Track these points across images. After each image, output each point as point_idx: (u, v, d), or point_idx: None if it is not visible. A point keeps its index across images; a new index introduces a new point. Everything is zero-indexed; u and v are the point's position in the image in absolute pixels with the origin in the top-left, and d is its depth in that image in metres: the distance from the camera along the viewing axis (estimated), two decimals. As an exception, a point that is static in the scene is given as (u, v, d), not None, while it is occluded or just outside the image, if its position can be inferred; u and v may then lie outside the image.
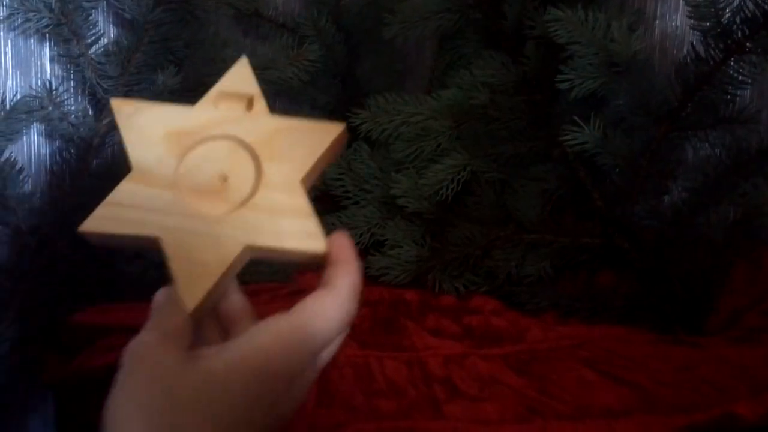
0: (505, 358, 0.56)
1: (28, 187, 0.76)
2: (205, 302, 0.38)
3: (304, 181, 0.41)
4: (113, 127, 0.79)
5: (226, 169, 0.42)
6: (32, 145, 0.78)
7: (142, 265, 0.77)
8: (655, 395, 0.50)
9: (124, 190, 0.41)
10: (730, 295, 0.66)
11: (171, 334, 0.36)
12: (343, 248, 0.39)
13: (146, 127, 0.43)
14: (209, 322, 0.40)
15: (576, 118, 0.69)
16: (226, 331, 0.40)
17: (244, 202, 0.41)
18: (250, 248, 0.40)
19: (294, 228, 0.40)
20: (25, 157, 0.77)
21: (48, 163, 0.78)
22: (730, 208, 0.67)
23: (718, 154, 0.70)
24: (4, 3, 0.74)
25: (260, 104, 0.44)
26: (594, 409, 0.48)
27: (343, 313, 0.38)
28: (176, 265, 0.39)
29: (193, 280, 0.38)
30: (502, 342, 0.60)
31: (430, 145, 0.76)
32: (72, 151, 0.77)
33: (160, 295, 0.39)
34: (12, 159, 0.74)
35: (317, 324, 0.37)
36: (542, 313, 0.70)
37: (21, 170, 0.75)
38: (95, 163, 0.78)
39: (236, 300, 0.41)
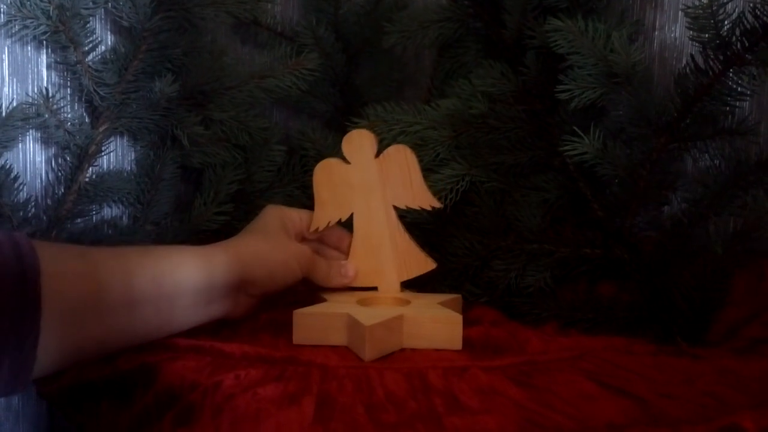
0: (506, 370, 0.55)
1: (23, 194, 0.75)
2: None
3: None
4: (109, 134, 0.78)
5: None
6: (28, 153, 0.77)
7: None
8: (657, 407, 0.49)
9: None
10: (731, 306, 0.66)
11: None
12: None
13: None
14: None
15: (576, 128, 0.69)
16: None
17: None
18: None
19: None
20: (21, 165, 0.76)
21: (43, 170, 0.78)
22: (730, 219, 0.67)
23: (717, 165, 0.70)
24: (2, 10, 0.74)
25: None
26: (596, 421, 0.48)
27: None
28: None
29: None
30: (503, 353, 0.60)
31: (429, 155, 0.76)
32: (68, 158, 0.77)
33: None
34: (7, 166, 0.73)
35: None
36: (543, 324, 0.69)
37: (16, 178, 0.74)
38: (91, 171, 0.78)
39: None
